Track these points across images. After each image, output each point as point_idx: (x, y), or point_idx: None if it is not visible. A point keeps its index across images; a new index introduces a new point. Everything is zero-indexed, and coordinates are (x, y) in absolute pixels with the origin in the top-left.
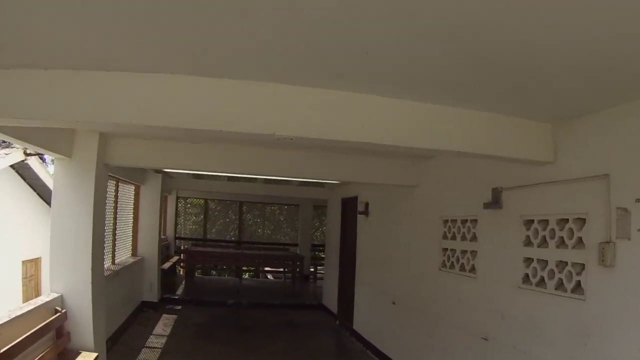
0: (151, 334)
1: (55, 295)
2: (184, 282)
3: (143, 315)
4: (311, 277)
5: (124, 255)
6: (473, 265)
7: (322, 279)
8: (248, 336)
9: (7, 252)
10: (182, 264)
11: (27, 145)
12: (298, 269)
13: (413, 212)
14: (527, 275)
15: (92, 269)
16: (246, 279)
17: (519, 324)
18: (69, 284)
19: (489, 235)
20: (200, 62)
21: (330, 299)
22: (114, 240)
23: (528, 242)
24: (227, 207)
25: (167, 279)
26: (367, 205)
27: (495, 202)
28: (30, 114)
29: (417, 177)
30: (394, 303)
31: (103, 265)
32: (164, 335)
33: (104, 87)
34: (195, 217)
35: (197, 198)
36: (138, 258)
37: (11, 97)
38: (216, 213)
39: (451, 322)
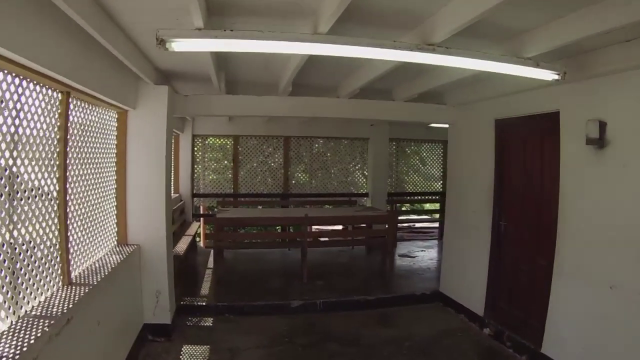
0: None
1: None
2: (210, 266)
3: (146, 353)
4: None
5: (97, 252)
6: None
7: (402, 240)
8: None
9: None
10: (201, 235)
11: None
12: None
13: None
14: None
15: None
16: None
17: None
18: None
19: None
20: None
21: (460, 288)
22: (65, 233)
23: None
24: (259, 146)
25: (185, 269)
26: (603, 127)
27: None
28: None
29: None
30: None
31: None
32: None
33: None
34: (217, 163)
35: (221, 137)
36: (131, 249)
37: None
38: (241, 158)
39: None
